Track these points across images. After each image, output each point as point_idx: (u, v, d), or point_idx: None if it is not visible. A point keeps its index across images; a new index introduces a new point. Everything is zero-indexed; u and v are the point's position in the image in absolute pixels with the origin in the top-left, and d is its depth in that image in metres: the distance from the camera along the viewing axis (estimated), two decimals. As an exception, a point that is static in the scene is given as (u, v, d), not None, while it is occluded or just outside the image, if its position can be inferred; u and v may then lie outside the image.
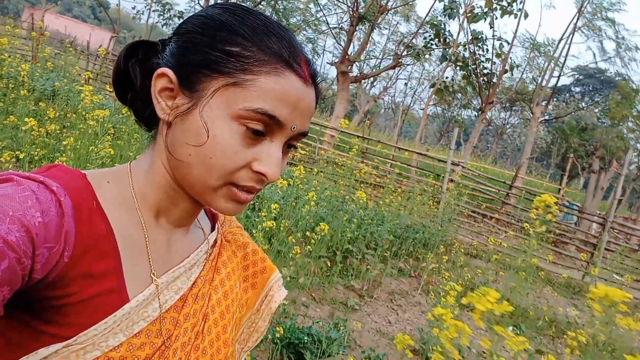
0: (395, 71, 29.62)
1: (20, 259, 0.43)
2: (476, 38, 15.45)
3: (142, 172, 0.61)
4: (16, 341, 0.50)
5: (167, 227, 0.63)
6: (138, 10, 25.00)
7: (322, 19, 21.48)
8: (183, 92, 0.56)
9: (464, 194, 8.81)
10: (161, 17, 21.74)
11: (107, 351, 0.52)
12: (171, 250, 0.63)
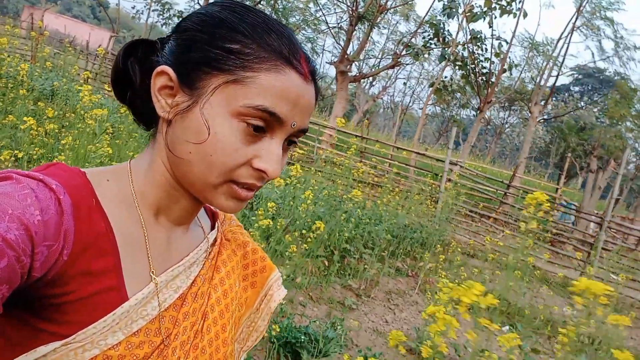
0: (394, 71, 29.63)
1: (20, 257, 0.43)
2: (475, 37, 15.48)
3: (142, 171, 0.61)
4: (16, 340, 0.50)
5: (167, 226, 0.63)
6: (137, 10, 25.07)
7: (322, 19, 21.52)
8: (183, 89, 0.56)
9: (462, 193, 8.83)
10: (161, 16, 21.79)
11: (106, 350, 0.52)
12: (171, 249, 0.63)
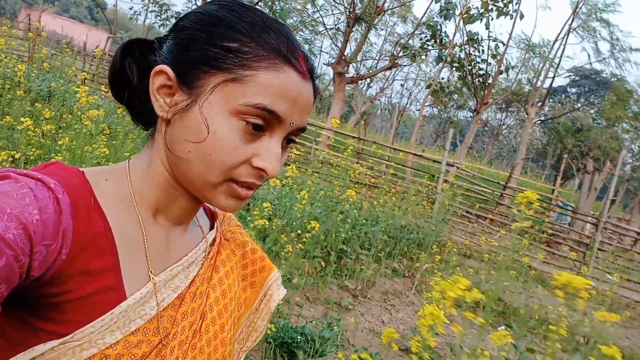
0: (391, 72, 29.71)
1: (18, 256, 0.43)
2: (472, 39, 15.52)
3: (141, 170, 0.61)
4: (16, 339, 0.50)
5: (166, 225, 0.63)
6: (135, 11, 25.12)
7: (319, 20, 21.56)
8: (182, 89, 0.56)
9: (458, 194, 8.86)
10: (158, 17, 21.82)
11: (104, 349, 0.52)
12: (169, 248, 0.63)
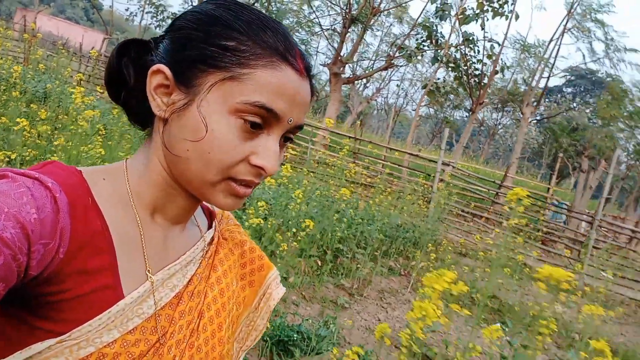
0: (387, 72, 29.77)
1: (16, 255, 0.43)
2: (467, 39, 15.58)
3: (138, 170, 0.61)
4: (13, 338, 0.50)
5: (164, 224, 0.63)
6: (131, 12, 24.98)
7: (315, 21, 21.60)
8: (179, 88, 0.56)
9: (454, 193, 8.89)
10: (154, 18, 21.80)
11: (101, 347, 0.52)
12: (167, 247, 0.63)
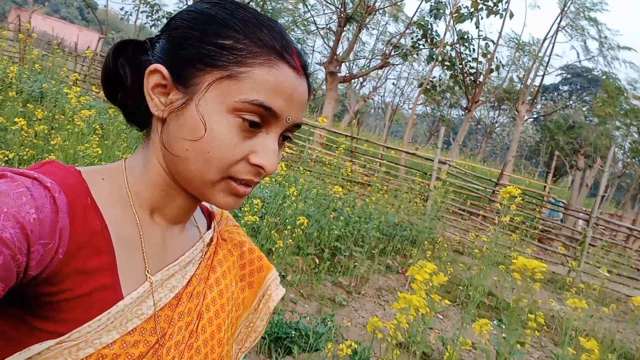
0: (384, 71, 29.82)
1: (15, 255, 0.43)
2: (462, 38, 15.59)
3: (137, 170, 0.61)
4: (16, 339, 0.50)
5: (163, 224, 0.63)
6: (126, 12, 24.94)
7: (311, 20, 21.59)
8: (177, 87, 0.55)
9: (450, 191, 8.92)
10: (149, 18, 21.70)
11: (101, 348, 0.51)
12: (166, 248, 0.63)
